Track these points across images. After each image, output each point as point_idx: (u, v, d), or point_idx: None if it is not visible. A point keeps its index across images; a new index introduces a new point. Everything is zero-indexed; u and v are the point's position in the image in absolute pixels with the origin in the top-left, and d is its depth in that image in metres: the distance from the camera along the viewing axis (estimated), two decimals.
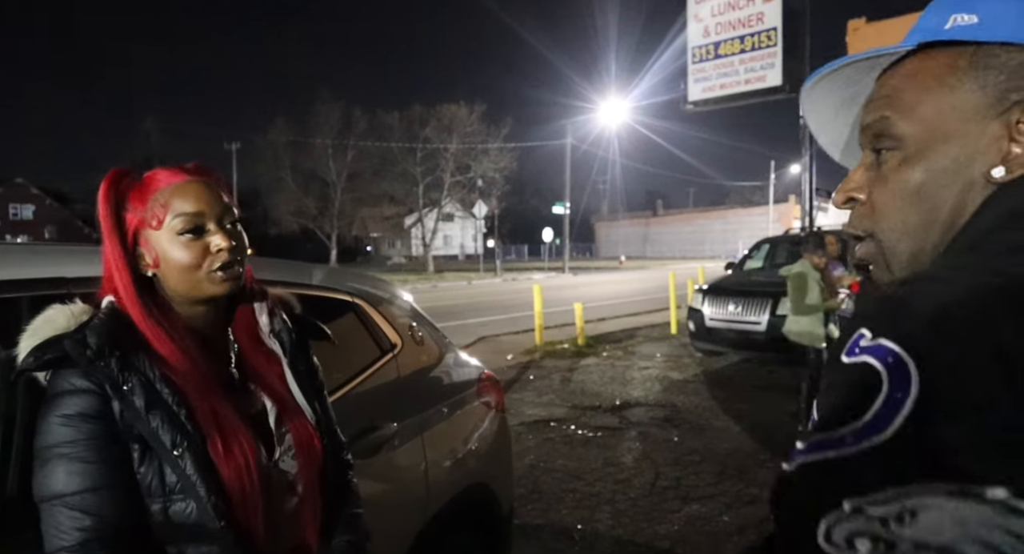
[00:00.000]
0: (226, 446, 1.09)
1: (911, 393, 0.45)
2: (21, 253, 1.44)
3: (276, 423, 1.22)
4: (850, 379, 0.51)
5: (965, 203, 0.62)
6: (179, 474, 1.05)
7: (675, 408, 6.61)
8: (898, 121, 0.65)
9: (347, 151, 43.08)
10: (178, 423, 1.06)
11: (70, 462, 1.02)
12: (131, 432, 1.06)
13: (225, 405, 1.13)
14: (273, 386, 1.24)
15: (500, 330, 12.24)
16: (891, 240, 0.66)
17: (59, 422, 1.03)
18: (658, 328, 12.17)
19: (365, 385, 2.18)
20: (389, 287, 2.62)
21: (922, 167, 0.63)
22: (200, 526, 1.06)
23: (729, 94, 15.51)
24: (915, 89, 0.64)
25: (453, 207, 51.13)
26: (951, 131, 0.62)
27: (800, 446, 0.51)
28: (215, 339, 1.22)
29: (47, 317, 1.11)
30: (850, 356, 0.52)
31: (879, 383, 0.48)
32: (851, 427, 0.47)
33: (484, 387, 2.78)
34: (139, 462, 1.06)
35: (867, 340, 0.51)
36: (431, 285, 26.80)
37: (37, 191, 54.97)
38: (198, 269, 1.13)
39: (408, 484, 2.21)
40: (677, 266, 31.78)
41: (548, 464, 5.06)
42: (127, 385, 1.06)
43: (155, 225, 1.13)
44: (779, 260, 10.30)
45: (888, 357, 0.48)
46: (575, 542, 3.77)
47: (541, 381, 7.98)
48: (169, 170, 1.17)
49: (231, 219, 1.18)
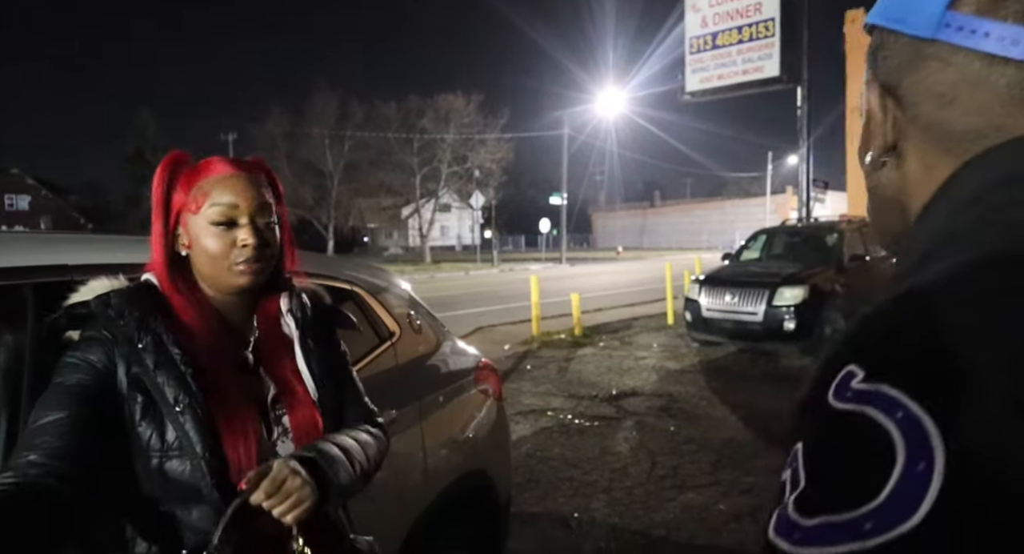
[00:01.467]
0: (229, 418, 1.14)
1: (937, 464, 0.38)
2: (24, 241, 1.46)
3: (271, 405, 1.25)
4: (849, 437, 0.43)
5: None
6: (178, 430, 1.10)
7: (671, 398, 6.65)
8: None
9: (344, 142, 42.97)
10: (183, 382, 1.12)
11: (61, 390, 1.08)
12: (138, 385, 1.11)
13: (234, 380, 1.18)
14: (282, 375, 1.27)
15: (497, 320, 12.27)
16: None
17: (68, 359, 1.12)
18: (655, 318, 12.20)
19: (364, 373, 2.19)
20: (387, 275, 2.63)
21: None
22: (193, 485, 1.10)
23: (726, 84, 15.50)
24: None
25: (450, 198, 51.06)
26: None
27: (802, 521, 0.43)
28: (237, 323, 1.27)
29: (91, 287, 1.19)
30: (840, 400, 0.44)
31: (891, 449, 0.40)
32: (868, 508, 0.39)
33: (482, 375, 2.80)
34: (141, 415, 1.11)
35: (860, 381, 0.44)
36: (428, 276, 26.81)
37: (33, 181, 54.77)
38: (223, 259, 1.19)
39: (407, 470, 2.23)
40: (674, 257, 31.83)
41: (545, 453, 5.09)
42: (141, 343, 1.13)
43: (194, 209, 1.19)
44: (776, 251, 10.33)
45: (897, 412, 0.40)
46: (572, 530, 3.80)
47: (538, 371, 8.01)
48: (223, 161, 1.22)
49: (266, 218, 1.23)
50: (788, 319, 8.12)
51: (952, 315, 0.43)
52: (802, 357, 8.27)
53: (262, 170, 1.26)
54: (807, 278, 8.43)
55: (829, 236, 9.63)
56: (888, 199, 0.63)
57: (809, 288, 8.24)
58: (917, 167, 0.59)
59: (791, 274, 8.58)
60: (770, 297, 8.29)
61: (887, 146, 0.60)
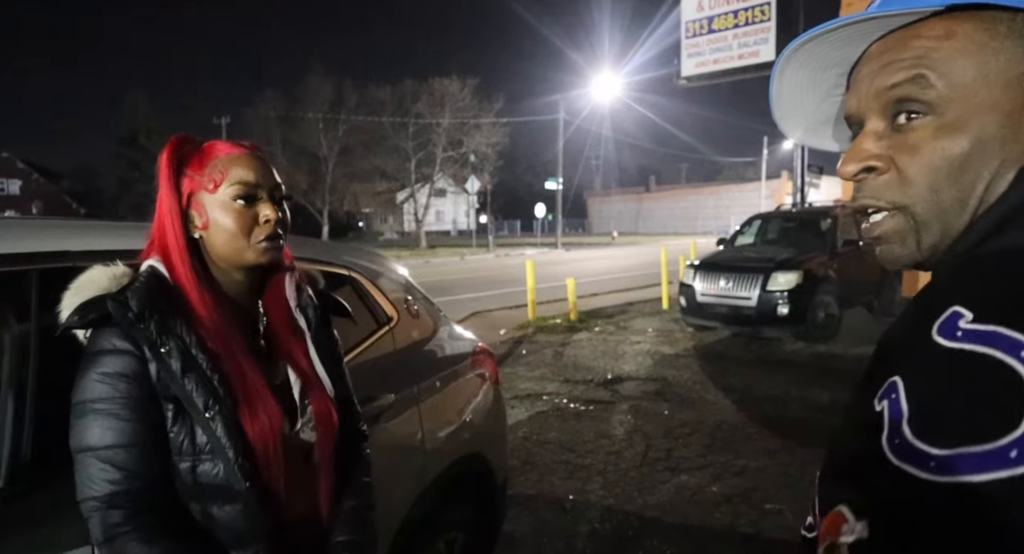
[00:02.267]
0: (252, 411, 1.14)
1: None
2: (26, 227, 1.46)
3: (300, 395, 1.26)
4: (976, 375, 0.46)
5: (997, 181, 0.57)
6: (209, 435, 1.11)
7: (666, 382, 6.70)
8: (936, 82, 0.58)
9: (339, 126, 42.72)
10: (211, 387, 1.12)
11: (105, 418, 1.07)
12: (166, 393, 1.11)
13: (253, 372, 1.18)
14: (297, 359, 1.29)
15: (493, 305, 12.30)
16: (926, 215, 0.60)
17: (97, 379, 1.09)
18: (650, 303, 12.25)
19: (362, 357, 2.22)
20: (384, 261, 2.65)
21: (965, 137, 0.57)
22: (226, 485, 1.12)
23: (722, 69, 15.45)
24: (952, 51, 0.58)
25: (445, 182, 50.97)
26: (994, 101, 0.57)
27: (933, 450, 0.46)
28: (246, 309, 1.27)
29: (90, 277, 1.16)
30: (949, 338, 0.47)
31: (1021, 385, 0.43)
32: (1011, 438, 0.43)
33: (479, 360, 2.83)
34: (172, 422, 1.11)
35: (970, 322, 0.47)
36: (424, 261, 26.79)
37: (24, 166, 54.33)
38: (245, 237, 1.18)
39: (405, 453, 2.26)
40: (669, 242, 31.84)
41: (541, 436, 5.13)
42: (164, 348, 1.11)
43: (211, 188, 1.18)
44: (770, 236, 10.36)
45: (1021, 351, 0.44)
46: (567, 512, 3.85)
47: (534, 356, 8.05)
48: (228, 143, 1.22)
49: (280, 194, 1.24)
50: (782, 304, 8.17)
51: None
52: (795, 342, 8.33)
53: (261, 152, 1.27)
54: (801, 263, 8.47)
55: (823, 221, 9.66)
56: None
57: (803, 273, 8.29)
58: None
59: (785, 259, 8.62)
60: (764, 282, 8.34)
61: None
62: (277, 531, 1.17)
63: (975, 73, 0.57)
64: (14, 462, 1.26)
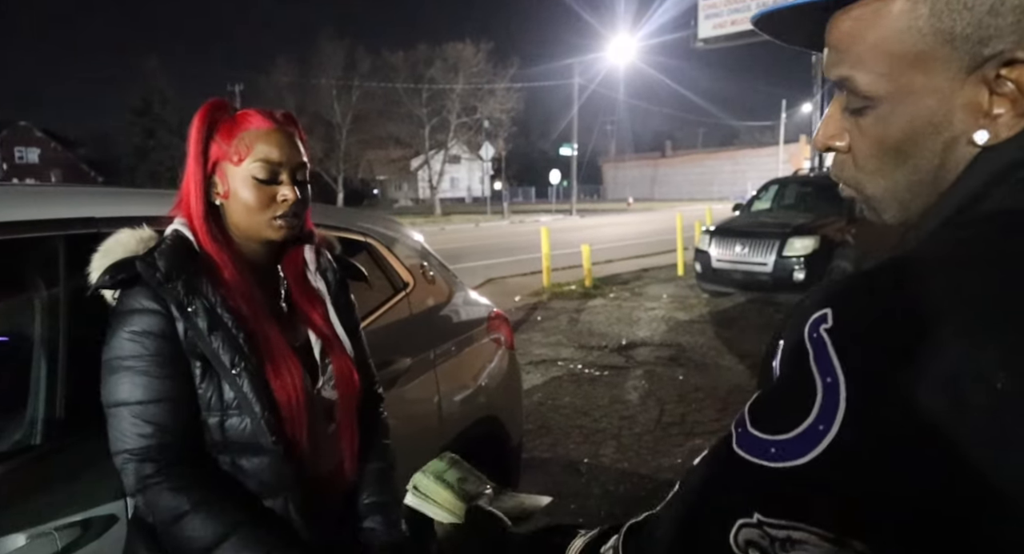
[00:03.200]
0: (276, 369, 1.19)
1: (832, 430, 0.45)
2: (53, 195, 1.50)
3: (320, 355, 1.30)
4: (797, 374, 0.48)
5: (949, 163, 0.56)
6: (236, 391, 1.15)
7: (680, 347, 6.72)
8: (860, 78, 0.58)
9: (352, 92, 42.50)
10: (236, 345, 1.15)
11: (135, 374, 1.12)
12: (194, 351, 1.15)
13: (276, 332, 1.22)
14: (317, 321, 1.32)
15: (507, 272, 12.34)
16: (878, 196, 0.61)
17: (128, 337, 1.13)
18: (665, 270, 12.23)
19: (379, 322, 2.25)
20: (400, 227, 2.67)
21: (897, 126, 0.57)
22: (253, 439, 1.16)
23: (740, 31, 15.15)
24: (871, 39, 0.56)
25: (460, 149, 50.64)
26: (920, 88, 0.55)
27: (749, 431, 0.51)
28: (268, 273, 1.30)
29: (118, 239, 1.20)
30: (808, 338, 0.48)
31: (813, 399, 0.46)
32: (781, 438, 0.47)
33: (494, 325, 2.86)
34: (200, 379, 1.16)
35: (826, 328, 0.48)
36: (438, 228, 26.83)
37: (41, 134, 54.67)
38: (261, 213, 1.21)
39: (422, 416, 2.31)
40: (685, 208, 31.61)
41: (556, 401, 5.19)
42: (191, 307, 1.14)
43: (236, 161, 1.20)
44: (787, 201, 10.27)
45: (828, 376, 0.46)
46: (582, 474, 3.91)
47: (548, 322, 8.10)
48: (261, 114, 1.23)
49: (303, 173, 1.26)
50: (798, 269, 8.13)
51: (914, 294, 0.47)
52: None
53: (294, 125, 1.28)
54: (818, 229, 8.40)
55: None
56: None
57: (819, 238, 8.22)
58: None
59: (801, 224, 8.55)
60: (780, 248, 8.29)
61: None
62: (304, 482, 1.21)
63: (896, 60, 0.55)
64: (48, 420, 1.31)
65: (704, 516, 0.52)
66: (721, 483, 0.52)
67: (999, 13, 0.51)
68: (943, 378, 0.43)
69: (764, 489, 0.48)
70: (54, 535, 1.19)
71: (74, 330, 1.34)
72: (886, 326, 0.46)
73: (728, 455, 0.51)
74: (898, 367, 0.44)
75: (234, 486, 1.18)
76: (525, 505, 0.97)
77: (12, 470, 1.24)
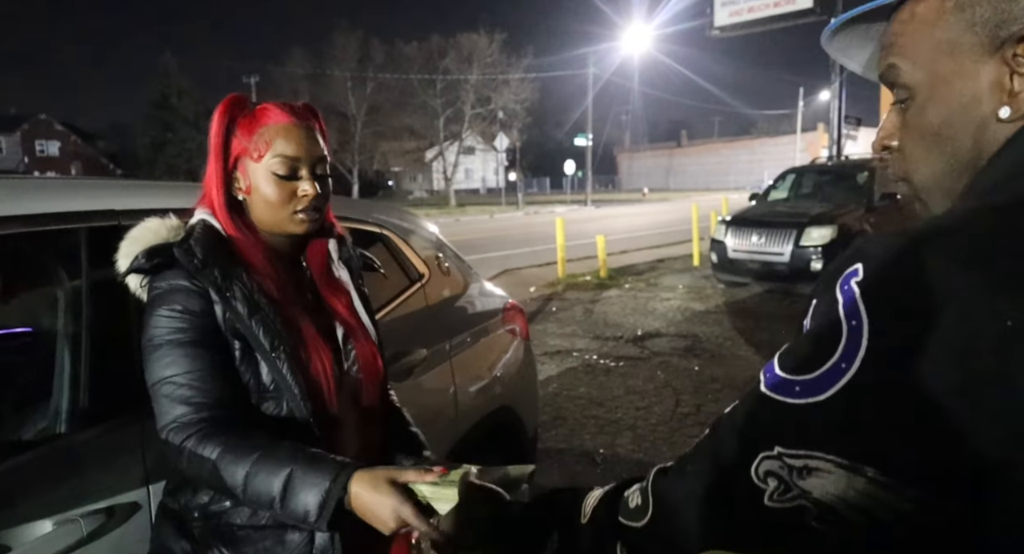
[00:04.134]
0: (308, 354, 1.21)
1: (852, 368, 0.50)
2: (75, 187, 1.52)
3: (343, 340, 1.32)
4: (826, 320, 0.53)
5: (983, 143, 0.61)
6: (276, 374, 1.17)
7: (696, 338, 6.71)
8: (902, 70, 0.65)
9: (366, 84, 42.55)
10: (274, 329, 1.17)
11: (178, 347, 1.13)
12: (234, 333, 1.16)
13: (306, 318, 1.24)
14: (339, 309, 1.34)
15: (522, 263, 12.33)
16: (923, 185, 0.67)
17: (166, 313, 1.14)
18: (680, 260, 12.19)
19: (396, 313, 2.27)
20: (415, 219, 2.68)
21: (933, 112, 0.63)
22: (290, 421, 1.18)
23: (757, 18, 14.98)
24: (911, 35, 0.64)
25: (474, 140, 50.62)
26: (950, 73, 0.62)
27: (776, 373, 0.56)
28: (291, 264, 1.32)
29: (148, 226, 1.22)
30: (840, 291, 0.53)
31: (838, 342, 0.51)
32: (806, 378, 0.52)
33: (509, 315, 2.87)
34: (239, 360, 1.17)
35: (856, 282, 0.53)
36: (453, 219, 26.85)
37: (61, 127, 55.22)
38: (282, 208, 1.22)
39: (438, 406, 2.32)
40: (701, 198, 31.43)
41: (571, 392, 5.20)
42: (229, 292, 1.16)
43: (255, 157, 1.20)
44: (804, 190, 10.18)
45: (853, 319, 0.51)
46: (597, 465, 3.93)
47: (564, 313, 8.10)
48: (280, 109, 1.23)
49: (323, 168, 1.26)
50: (815, 259, 8.06)
51: (939, 253, 0.51)
52: None
53: (314, 117, 1.28)
54: (835, 218, 8.32)
55: (860, 174, 9.44)
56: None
57: (837, 228, 8.14)
58: None
59: (819, 214, 8.48)
60: (797, 237, 8.22)
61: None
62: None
63: (930, 51, 0.63)
64: (72, 409, 1.33)
65: (730, 452, 0.57)
66: (748, 422, 0.57)
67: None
68: (958, 320, 0.47)
69: (787, 423, 0.52)
70: (80, 522, 1.21)
71: (97, 321, 1.36)
72: (911, 280, 0.50)
73: (756, 396, 0.57)
74: (919, 316, 0.48)
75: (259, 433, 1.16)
76: (512, 475, 1.04)
77: (38, 458, 1.26)
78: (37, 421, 1.36)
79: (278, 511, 1.05)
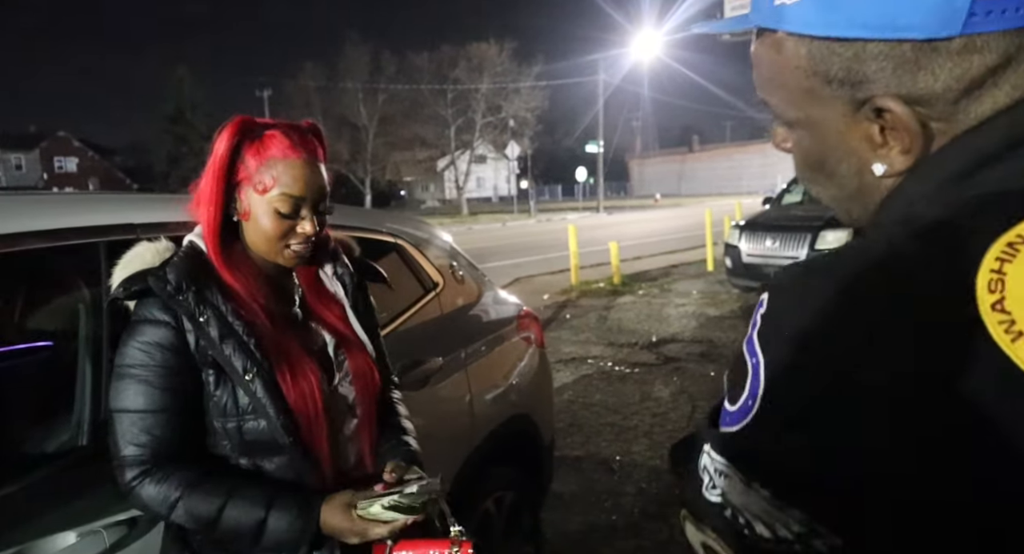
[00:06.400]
0: (292, 373, 1.22)
1: (755, 407, 0.50)
2: (95, 202, 1.54)
3: (334, 351, 1.33)
4: (742, 355, 0.54)
5: (865, 185, 0.59)
6: (250, 396, 1.18)
7: (712, 343, 6.67)
8: (773, 103, 0.62)
9: (378, 95, 42.83)
10: (248, 351, 1.19)
11: (139, 383, 1.16)
12: (205, 359, 1.18)
13: (290, 338, 1.25)
14: (332, 323, 1.35)
15: (535, 271, 12.33)
16: (823, 201, 0.66)
17: (137, 346, 1.18)
18: (694, 265, 12.14)
19: (410, 322, 2.28)
20: (428, 228, 2.70)
21: (813, 148, 0.60)
22: (272, 441, 1.20)
23: None
24: (774, 71, 0.59)
25: (485, 149, 50.78)
26: (820, 118, 0.57)
27: (724, 401, 0.56)
28: (282, 282, 1.33)
29: (136, 252, 1.24)
30: (752, 318, 0.54)
31: (746, 381, 0.52)
32: (731, 409, 0.53)
33: (523, 323, 2.87)
34: (214, 386, 1.19)
35: (761, 312, 0.53)
36: (465, 228, 26.91)
37: (79, 144, 55.97)
38: (278, 242, 1.23)
39: (454, 415, 2.33)
40: (714, 203, 31.31)
41: (586, 399, 5.19)
42: (203, 317, 1.18)
43: (260, 190, 1.21)
44: None
45: (753, 358, 0.51)
46: (614, 472, 3.91)
47: (578, 320, 8.08)
48: (288, 141, 1.22)
49: (324, 204, 1.27)
50: None
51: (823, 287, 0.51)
52: None
53: (318, 140, 1.28)
54: None
55: None
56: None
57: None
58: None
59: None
60: (812, 241, 8.16)
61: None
62: (325, 479, 1.25)
63: (795, 93, 0.58)
64: (94, 421, 1.35)
65: (694, 445, 0.58)
66: (704, 426, 0.58)
67: (863, 60, 0.52)
68: (833, 366, 0.47)
69: (715, 438, 0.54)
70: (102, 533, 1.23)
71: (117, 334, 1.38)
72: (799, 314, 0.50)
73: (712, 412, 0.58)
74: (804, 353, 0.49)
75: (219, 470, 1.21)
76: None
77: (61, 470, 1.28)
78: (60, 434, 1.38)
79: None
